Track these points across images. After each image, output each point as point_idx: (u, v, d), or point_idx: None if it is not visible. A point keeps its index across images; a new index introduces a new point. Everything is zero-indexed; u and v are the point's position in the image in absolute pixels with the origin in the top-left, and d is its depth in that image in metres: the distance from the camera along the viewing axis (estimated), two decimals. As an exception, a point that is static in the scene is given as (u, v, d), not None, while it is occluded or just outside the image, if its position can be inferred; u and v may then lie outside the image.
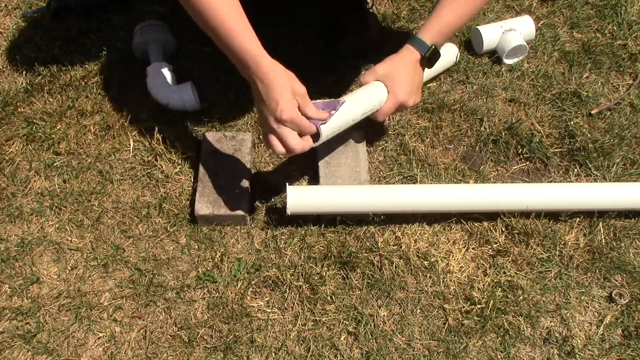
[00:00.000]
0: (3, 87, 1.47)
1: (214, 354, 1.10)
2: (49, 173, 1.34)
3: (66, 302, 1.16)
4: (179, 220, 1.27)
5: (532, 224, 1.25)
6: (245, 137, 1.35)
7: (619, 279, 1.21)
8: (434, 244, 1.24)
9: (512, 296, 1.17)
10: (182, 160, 1.35)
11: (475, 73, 1.53)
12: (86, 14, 1.61)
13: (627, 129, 1.42)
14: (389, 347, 1.12)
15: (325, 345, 1.12)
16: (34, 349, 1.10)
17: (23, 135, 1.38)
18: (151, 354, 1.10)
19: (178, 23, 1.58)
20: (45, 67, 1.50)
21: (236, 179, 1.28)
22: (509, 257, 1.23)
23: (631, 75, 1.55)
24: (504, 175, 1.37)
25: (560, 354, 1.12)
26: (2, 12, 1.66)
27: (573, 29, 1.64)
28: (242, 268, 1.20)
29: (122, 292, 1.18)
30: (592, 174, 1.36)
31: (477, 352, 1.12)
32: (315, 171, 1.32)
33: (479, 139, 1.41)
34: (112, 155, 1.36)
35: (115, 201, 1.30)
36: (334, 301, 1.16)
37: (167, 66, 1.46)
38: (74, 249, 1.23)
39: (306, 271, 1.19)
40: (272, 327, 1.14)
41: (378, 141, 1.40)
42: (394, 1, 1.69)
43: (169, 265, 1.21)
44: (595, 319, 1.16)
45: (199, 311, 1.15)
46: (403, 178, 1.34)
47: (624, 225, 1.27)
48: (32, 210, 1.28)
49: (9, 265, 1.20)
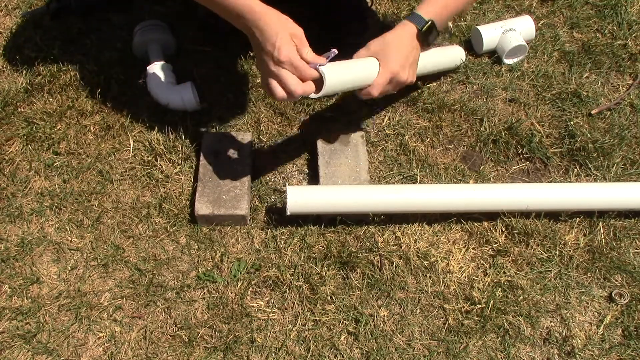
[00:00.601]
0: (3, 87, 1.47)
1: (214, 354, 1.10)
2: (49, 173, 1.34)
3: (66, 302, 1.16)
4: (179, 220, 1.27)
5: (532, 224, 1.25)
6: (245, 137, 1.35)
7: (619, 279, 1.21)
8: (434, 244, 1.24)
9: (512, 296, 1.17)
10: (182, 160, 1.35)
11: (475, 73, 1.53)
12: (86, 14, 1.61)
13: (627, 129, 1.42)
14: (389, 347, 1.12)
15: (325, 345, 1.12)
16: (34, 349, 1.10)
17: (23, 135, 1.38)
18: (151, 354, 1.10)
19: (178, 23, 1.58)
20: (45, 67, 1.50)
21: (236, 179, 1.28)
22: (509, 257, 1.23)
23: (631, 75, 1.55)
24: (504, 175, 1.37)
25: (560, 354, 1.12)
26: (2, 12, 1.66)
27: (573, 29, 1.64)
28: (242, 268, 1.20)
29: (122, 292, 1.18)
30: (592, 174, 1.36)
31: (477, 352, 1.12)
32: (315, 171, 1.32)
33: (479, 139, 1.41)
34: (112, 155, 1.36)
35: (115, 201, 1.30)
36: (334, 301, 1.16)
37: (167, 66, 1.46)
38: (74, 249, 1.23)
39: (306, 271, 1.19)
40: (272, 327, 1.14)
41: (378, 141, 1.40)
42: (394, 1, 1.69)
43: (169, 265, 1.21)
44: (595, 319, 1.16)
45: (199, 311, 1.15)
46: (403, 178, 1.34)
47: (624, 225, 1.27)
48: (32, 210, 1.28)
49: (9, 265, 1.20)
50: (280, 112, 1.44)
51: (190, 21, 1.59)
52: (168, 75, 1.43)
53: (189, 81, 1.42)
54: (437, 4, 1.23)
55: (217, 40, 1.54)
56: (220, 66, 1.51)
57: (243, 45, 1.33)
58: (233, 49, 1.54)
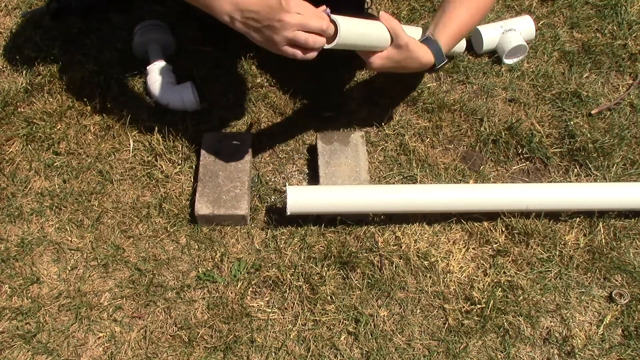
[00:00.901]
0: (3, 87, 1.47)
1: (214, 354, 1.10)
2: (49, 173, 1.34)
3: (66, 302, 1.16)
4: (179, 220, 1.27)
5: (532, 224, 1.25)
6: (245, 137, 1.35)
7: (619, 279, 1.21)
8: (434, 244, 1.24)
9: (512, 296, 1.17)
10: (182, 160, 1.35)
11: (475, 73, 1.53)
12: (86, 14, 1.61)
13: (627, 129, 1.42)
14: (389, 347, 1.12)
15: (325, 345, 1.12)
16: (34, 349, 1.10)
17: (23, 135, 1.38)
18: (151, 354, 1.10)
19: (178, 23, 1.58)
20: (45, 67, 1.50)
21: (236, 179, 1.28)
22: (509, 257, 1.23)
23: (631, 75, 1.55)
24: (504, 175, 1.37)
25: (560, 354, 1.12)
26: (2, 12, 1.66)
27: (573, 29, 1.64)
28: (242, 268, 1.20)
29: (122, 292, 1.18)
30: (592, 174, 1.36)
31: (477, 352, 1.12)
32: (315, 171, 1.32)
33: (479, 139, 1.41)
34: (112, 155, 1.36)
35: (115, 201, 1.30)
36: (334, 301, 1.16)
37: (167, 66, 1.46)
38: (74, 249, 1.23)
39: (306, 271, 1.19)
40: (272, 327, 1.14)
41: (378, 141, 1.40)
42: (394, 1, 1.69)
43: (169, 265, 1.21)
44: (595, 319, 1.16)
45: (199, 311, 1.16)
46: (403, 178, 1.34)
47: (624, 225, 1.27)
48: (32, 210, 1.28)
49: (9, 265, 1.20)
50: (280, 112, 1.44)
51: (190, 21, 1.59)
52: (168, 76, 1.43)
53: (189, 81, 1.42)
54: (452, 34, 1.26)
55: (217, 40, 1.54)
56: (220, 66, 1.51)
57: (243, 45, 1.33)
58: (233, 49, 1.53)
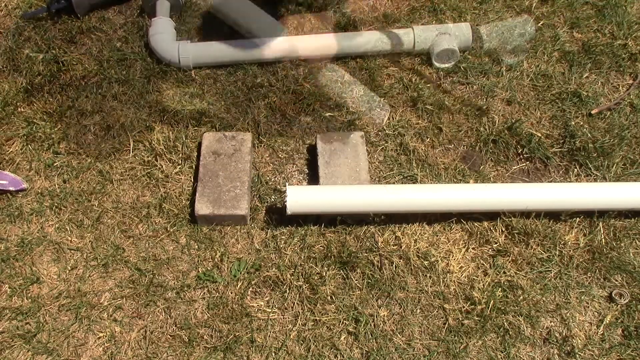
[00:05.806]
0: (3, 87, 1.47)
1: (214, 353, 1.10)
2: (49, 173, 1.34)
3: (66, 302, 1.16)
4: (179, 220, 1.27)
5: (532, 224, 1.25)
6: (245, 137, 1.35)
7: (619, 279, 1.21)
8: (434, 244, 1.24)
9: (512, 296, 1.17)
10: (182, 160, 1.35)
11: (475, 73, 1.53)
12: (86, 14, 1.61)
13: (627, 129, 1.42)
14: (389, 347, 1.12)
15: (325, 345, 1.12)
16: (34, 349, 1.10)
17: (23, 135, 1.38)
18: (151, 353, 1.10)
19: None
20: (45, 67, 1.50)
21: (236, 179, 1.28)
22: (509, 257, 1.23)
23: (631, 75, 1.55)
24: (504, 175, 1.37)
25: (560, 354, 1.12)
26: (2, 12, 1.66)
27: (573, 29, 1.64)
28: (242, 268, 1.20)
29: (122, 292, 1.17)
30: (592, 174, 1.35)
31: (477, 352, 1.11)
32: (315, 171, 1.32)
33: (479, 139, 1.41)
34: (112, 155, 1.36)
35: (115, 201, 1.30)
36: (334, 301, 1.16)
37: (170, 22, 1.56)
38: (74, 249, 1.23)
39: (306, 271, 1.19)
40: (272, 327, 1.14)
41: (378, 141, 1.40)
42: (394, 1, 1.69)
43: (169, 265, 1.21)
44: (595, 319, 1.16)
45: (199, 311, 1.15)
46: (403, 178, 1.34)
47: (624, 225, 1.27)
48: (32, 210, 1.28)
49: (9, 265, 1.20)
50: (280, 112, 1.44)
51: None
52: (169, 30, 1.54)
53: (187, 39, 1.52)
54: None
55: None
56: (220, 66, 1.51)
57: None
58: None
